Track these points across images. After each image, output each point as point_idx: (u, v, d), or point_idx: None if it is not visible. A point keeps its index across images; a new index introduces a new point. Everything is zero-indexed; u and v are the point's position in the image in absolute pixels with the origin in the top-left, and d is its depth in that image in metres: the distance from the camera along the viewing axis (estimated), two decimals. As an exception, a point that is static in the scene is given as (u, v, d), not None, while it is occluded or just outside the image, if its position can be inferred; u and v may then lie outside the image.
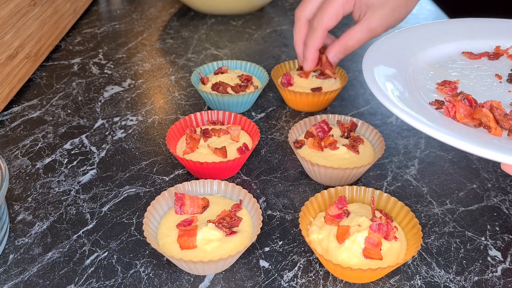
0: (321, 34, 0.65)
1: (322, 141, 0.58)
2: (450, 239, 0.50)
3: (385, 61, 0.50)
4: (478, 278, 0.46)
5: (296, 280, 0.46)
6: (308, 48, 0.66)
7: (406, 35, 0.55)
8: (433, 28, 0.58)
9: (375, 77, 0.46)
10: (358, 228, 0.45)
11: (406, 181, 0.58)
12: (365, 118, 0.71)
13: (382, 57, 0.50)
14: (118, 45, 0.94)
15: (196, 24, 1.04)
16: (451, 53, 0.55)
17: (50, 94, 0.76)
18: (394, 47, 0.53)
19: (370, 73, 0.46)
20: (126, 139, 0.66)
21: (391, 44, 0.53)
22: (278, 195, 0.56)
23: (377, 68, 0.48)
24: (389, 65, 0.49)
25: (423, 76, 0.50)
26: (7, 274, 0.46)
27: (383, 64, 0.49)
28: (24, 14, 0.76)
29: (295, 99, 0.70)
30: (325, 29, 0.64)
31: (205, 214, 0.49)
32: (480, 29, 0.59)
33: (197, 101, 0.75)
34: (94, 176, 0.59)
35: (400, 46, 0.53)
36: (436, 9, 1.13)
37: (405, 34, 0.56)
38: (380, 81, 0.45)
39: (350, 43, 0.65)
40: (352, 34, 0.65)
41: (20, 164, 0.60)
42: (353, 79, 0.82)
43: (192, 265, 0.43)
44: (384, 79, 0.46)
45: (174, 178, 0.59)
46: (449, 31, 0.58)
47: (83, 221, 0.52)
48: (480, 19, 0.60)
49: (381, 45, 0.53)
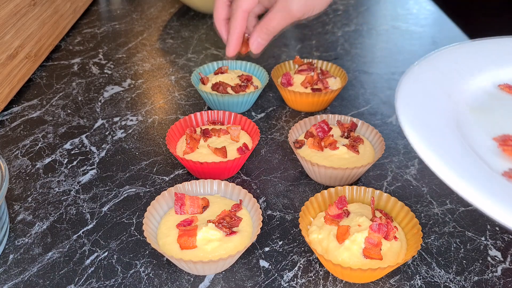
0: (241, 16, 0.64)
1: (322, 141, 0.58)
2: (450, 239, 0.50)
3: (420, 107, 0.41)
4: (478, 278, 0.46)
5: (296, 280, 0.46)
6: (230, 33, 0.65)
7: (430, 68, 0.47)
8: (456, 56, 0.50)
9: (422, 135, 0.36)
10: (358, 228, 0.45)
11: (406, 181, 0.58)
12: (365, 118, 0.71)
13: (416, 103, 0.41)
14: (118, 45, 0.94)
15: (196, 24, 1.04)
16: (486, 87, 0.46)
17: (50, 94, 0.76)
18: (424, 86, 0.44)
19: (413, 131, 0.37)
20: (126, 139, 0.66)
21: (420, 82, 0.45)
22: (278, 195, 0.56)
23: (416, 119, 0.39)
24: (428, 113, 0.40)
25: (469, 124, 0.40)
26: (7, 274, 0.46)
27: (420, 111, 0.40)
28: (24, 14, 0.76)
29: (295, 99, 0.70)
30: (244, 10, 0.63)
31: (205, 214, 0.49)
32: (504, 51, 0.51)
33: (197, 101, 0.75)
34: (94, 176, 0.59)
35: (429, 84, 0.45)
36: (436, 9, 1.13)
37: (428, 67, 0.47)
38: (427, 138, 0.36)
39: (271, 24, 0.63)
40: (271, 16, 0.63)
41: (20, 164, 0.60)
42: (353, 79, 0.82)
43: (192, 265, 0.43)
44: (429, 135, 0.37)
45: (174, 178, 0.59)
46: (474, 58, 0.50)
47: (83, 221, 0.52)
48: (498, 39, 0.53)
49: (409, 86, 0.44)
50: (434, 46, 0.95)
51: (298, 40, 0.98)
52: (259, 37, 0.65)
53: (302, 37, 0.99)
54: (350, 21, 1.08)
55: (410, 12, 1.12)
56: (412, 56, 0.91)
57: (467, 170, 0.32)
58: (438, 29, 1.04)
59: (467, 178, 0.31)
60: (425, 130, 0.37)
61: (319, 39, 0.98)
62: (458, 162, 0.33)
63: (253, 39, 0.65)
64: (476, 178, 0.31)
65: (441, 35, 1.00)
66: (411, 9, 1.14)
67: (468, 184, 0.31)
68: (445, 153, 0.34)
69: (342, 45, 0.95)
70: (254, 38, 0.65)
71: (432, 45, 0.95)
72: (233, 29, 0.65)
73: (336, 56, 0.91)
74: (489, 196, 0.30)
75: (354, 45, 0.95)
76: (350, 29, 1.03)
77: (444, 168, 0.32)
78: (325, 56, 0.91)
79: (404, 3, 1.19)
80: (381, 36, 1.00)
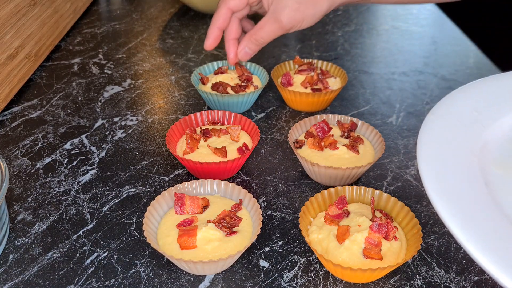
0: (224, 12, 0.64)
1: (322, 141, 0.58)
2: (450, 239, 0.50)
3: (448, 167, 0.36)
4: (478, 278, 0.46)
5: (296, 280, 0.46)
6: (210, 26, 0.66)
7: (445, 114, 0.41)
8: (473, 98, 0.43)
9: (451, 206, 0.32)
10: (358, 228, 0.45)
11: (406, 181, 0.58)
12: (365, 118, 0.71)
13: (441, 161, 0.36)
14: (118, 45, 0.94)
15: (196, 24, 1.04)
16: (510, 132, 0.39)
17: (50, 94, 0.76)
18: (445, 137, 0.39)
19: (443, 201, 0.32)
20: (126, 139, 0.66)
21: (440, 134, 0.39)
22: (278, 195, 0.56)
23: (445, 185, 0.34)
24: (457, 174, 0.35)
25: (501, 186, 0.34)
26: (7, 274, 0.46)
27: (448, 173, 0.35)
28: (24, 14, 0.76)
29: (295, 99, 0.70)
30: (229, 8, 0.64)
31: (205, 214, 0.49)
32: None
33: (197, 101, 0.75)
34: (94, 176, 0.59)
35: (449, 135, 0.39)
36: (436, 9, 1.13)
37: (442, 112, 0.41)
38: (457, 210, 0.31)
39: (260, 34, 0.64)
40: (262, 24, 0.64)
41: (20, 164, 0.60)
42: (353, 79, 0.82)
43: (192, 265, 0.43)
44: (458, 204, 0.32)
45: (174, 178, 0.59)
46: (490, 98, 0.43)
47: (83, 221, 0.52)
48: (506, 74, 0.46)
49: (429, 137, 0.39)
50: (434, 46, 0.95)
51: (298, 40, 0.98)
52: (246, 47, 0.66)
53: (302, 37, 0.99)
54: (350, 21, 1.08)
55: (410, 12, 1.12)
56: (412, 56, 0.91)
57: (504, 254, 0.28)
58: (438, 29, 1.04)
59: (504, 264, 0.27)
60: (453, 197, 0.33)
61: (319, 39, 0.98)
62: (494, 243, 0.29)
63: (240, 48, 0.67)
64: None
65: (441, 35, 1.00)
66: (411, 9, 1.14)
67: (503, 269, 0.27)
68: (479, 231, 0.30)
69: (342, 45, 0.95)
70: (242, 46, 0.67)
71: (432, 45, 0.95)
72: (213, 22, 0.66)
73: (336, 56, 0.91)
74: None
75: (354, 45, 0.95)
76: (350, 29, 1.03)
77: (480, 255, 0.29)
78: (325, 56, 0.91)
79: (404, 3, 1.19)
80: (381, 36, 1.00)
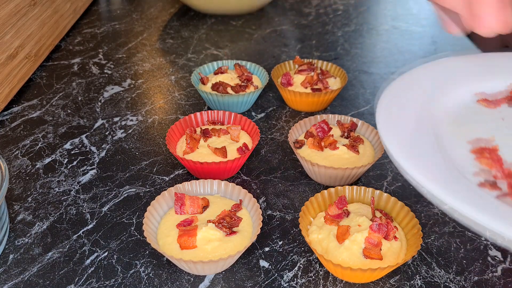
0: None
1: (322, 141, 0.58)
2: (450, 239, 0.50)
3: (401, 119, 0.42)
4: (478, 278, 0.46)
5: (296, 280, 0.46)
6: None
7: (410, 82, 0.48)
8: (437, 69, 0.51)
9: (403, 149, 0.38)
10: (358, 228, 0.45)
11: (406, 181, 0.58)
12: (365, 118, 0.71)
13: (396, 113, 0.43)
14: (118, 45, 0.94)
15: (196, 24, 1.04)
16: (465, 101, 0.47)
17: (50, 94, 0.76)
18: (405, 96, 0.46)
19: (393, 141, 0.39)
20: (126, 139, 0.66)
21: (400, 91, 0.46)
22: (278, 195, 0.56)
23: (395, 129, 0.41)
24: (408, 125, 0.42)
25: (447, 134, 0.42)
26: (7, 274, 0.46)
27: (400, 123, 0.42)
28: (24, 14, 0.76)
29: (295, 99, 0.70)
30: None
31: (205, 214, 0.49)
32: (490, 66, 0.51)
33: (197, 101, 0.75)
34: (94, 176, 0.59)
35: (411, 94, 0.46)
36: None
37: (410, 78, 0.48)
38: (405, 149, 0.38)
39: None
40: None
41: (20, 164, 0.60)
42: (353, 79, 0.82)
43: (192, 265, 0.43)
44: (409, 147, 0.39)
45: (174, 178, 0.59)
46: (454, 71, 0.50)
47: (83, 221, 0.52)
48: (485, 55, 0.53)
49: (390, 95, 0.46)
50: (434, 46, 0.95)
51: (298, 40, 0.98)
52: None
53: (302, 37, 1.00)
54: (350, 21, 1.08)
55: (410, 12, 1.12)
56: (412, 56, 0.91)
57: (450, 183, 0.35)
58: (438, 29, 1.04)
59: (447, 189, 0.33)
60: (406, 143, 0.39)
61: (319, 39, 0.98)
62: (438, 173, 0.36)
63: None
64: (455, 189, 0.34)
65: (441, 35, 1.00)
66: (411, 9, 1.14)
67: (446, 192, 0.33)
68: (425, 165, 0.36)
69: (342, 45, 0.95)
70: None
71: (432, 45, 0.95)
72: None
73: (336, 56, 0.91)
74: (464, 202, 0.32)
75: (354, 45, 0.95)
76: (350, 29, 1.03)
77: (425, 180, 0.35)
78: (325, 56, 0.91)
79: (404, 3, 1.19)
80: (381, 36, 1.00)
